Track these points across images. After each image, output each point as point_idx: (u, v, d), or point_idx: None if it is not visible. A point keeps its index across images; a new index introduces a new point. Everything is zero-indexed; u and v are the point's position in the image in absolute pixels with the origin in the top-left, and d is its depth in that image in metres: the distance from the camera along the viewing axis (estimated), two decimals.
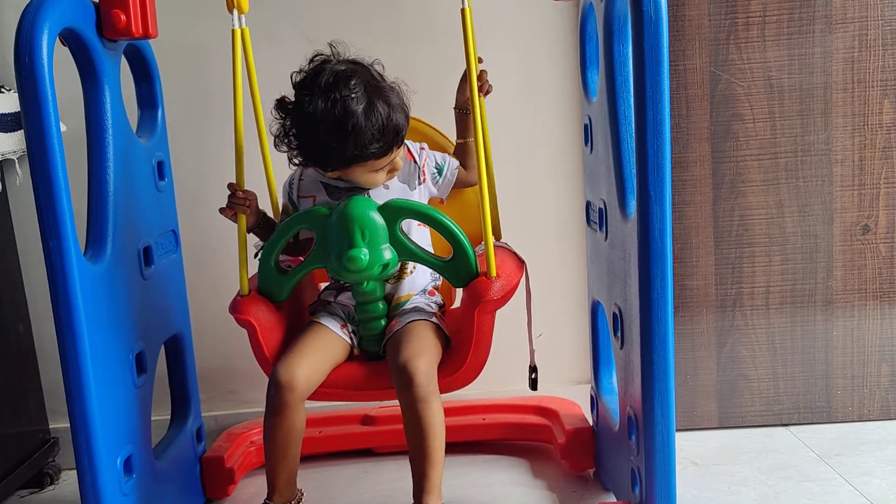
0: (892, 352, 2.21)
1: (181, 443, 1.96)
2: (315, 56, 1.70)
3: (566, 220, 2.30)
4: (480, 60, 1.78)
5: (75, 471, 1.52)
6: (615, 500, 1.85)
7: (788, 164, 2.14)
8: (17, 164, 2.11)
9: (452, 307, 1.92)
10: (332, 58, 1.68)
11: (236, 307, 1.72)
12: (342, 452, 2.19)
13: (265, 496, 1.73)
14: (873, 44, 2.09)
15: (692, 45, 2.09)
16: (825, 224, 2.16)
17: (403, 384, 1.60)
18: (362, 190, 1.74)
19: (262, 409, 2.30)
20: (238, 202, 1.70)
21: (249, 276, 1.76)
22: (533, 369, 1.84)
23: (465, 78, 1.76)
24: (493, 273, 1.66)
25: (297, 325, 1.82)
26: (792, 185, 2.14)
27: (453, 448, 1.92)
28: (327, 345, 1.72)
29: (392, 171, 1.71)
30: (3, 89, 2.05)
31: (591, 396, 2.06)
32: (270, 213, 1.89)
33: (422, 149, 1.81)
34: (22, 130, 2.07)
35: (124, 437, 1.63)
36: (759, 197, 2.15)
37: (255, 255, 1.75)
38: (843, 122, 2.12)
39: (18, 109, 2.03)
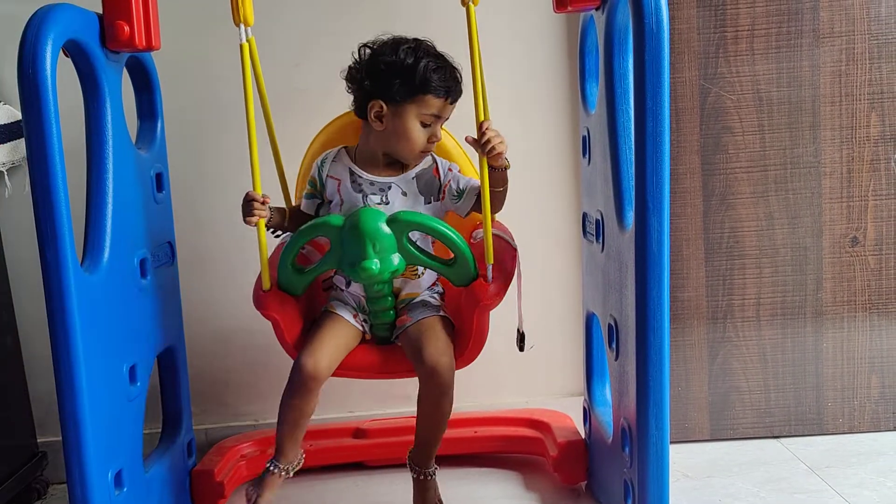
0: (882, 363, 2.22)
1: (172, 456, 1.94)
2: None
3: (561, 232, 2.30)
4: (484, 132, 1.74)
5: (63, 485, 1.52)
6: None
7: (778, 177, 2.15)
8: (6, 176, 2.09)
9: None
10: None
11: (261, 304, 1.81)
12: (334, 466, 2.18)
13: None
14: (860, 57, 2.11)
15: (682, 58, 2.11)
16: (814, 236, 2.17)
17: (428, 377, 1.77)
18: (377, 188, 1.85)
19: (253, 423, 2.33)
20: (259, 209, 1.77)
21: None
22: (521, 333, 1.92)
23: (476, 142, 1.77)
24: (490, 278, 1.77)
25: (312, 308, 1.94)
26: (781, 198, 2.16)
27: (445, 461, 1.93)
28: (343, 333, 1.85)
29: (432, 139, 1.82)
30: None
31: (584, 408, 2.06)
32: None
33: (450, 169, 1.89)
34: (10, 143, 2.06)
35: (116, 450, 1.62)
36: (748, 209, 2.16)
37: (273, 234, 1.88)
38: (831, 135, 2.14)
39: (7, 122, 2.03)
